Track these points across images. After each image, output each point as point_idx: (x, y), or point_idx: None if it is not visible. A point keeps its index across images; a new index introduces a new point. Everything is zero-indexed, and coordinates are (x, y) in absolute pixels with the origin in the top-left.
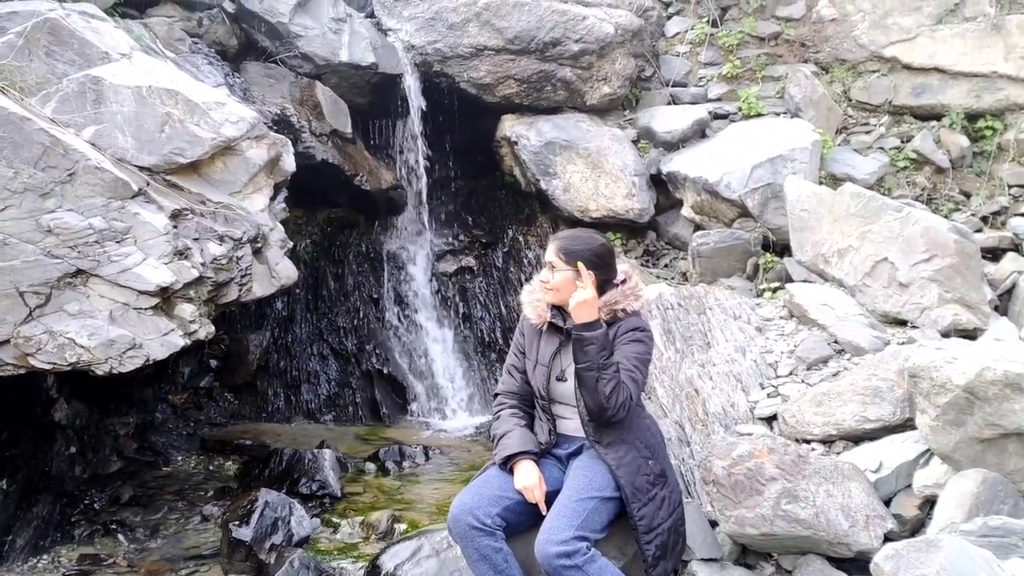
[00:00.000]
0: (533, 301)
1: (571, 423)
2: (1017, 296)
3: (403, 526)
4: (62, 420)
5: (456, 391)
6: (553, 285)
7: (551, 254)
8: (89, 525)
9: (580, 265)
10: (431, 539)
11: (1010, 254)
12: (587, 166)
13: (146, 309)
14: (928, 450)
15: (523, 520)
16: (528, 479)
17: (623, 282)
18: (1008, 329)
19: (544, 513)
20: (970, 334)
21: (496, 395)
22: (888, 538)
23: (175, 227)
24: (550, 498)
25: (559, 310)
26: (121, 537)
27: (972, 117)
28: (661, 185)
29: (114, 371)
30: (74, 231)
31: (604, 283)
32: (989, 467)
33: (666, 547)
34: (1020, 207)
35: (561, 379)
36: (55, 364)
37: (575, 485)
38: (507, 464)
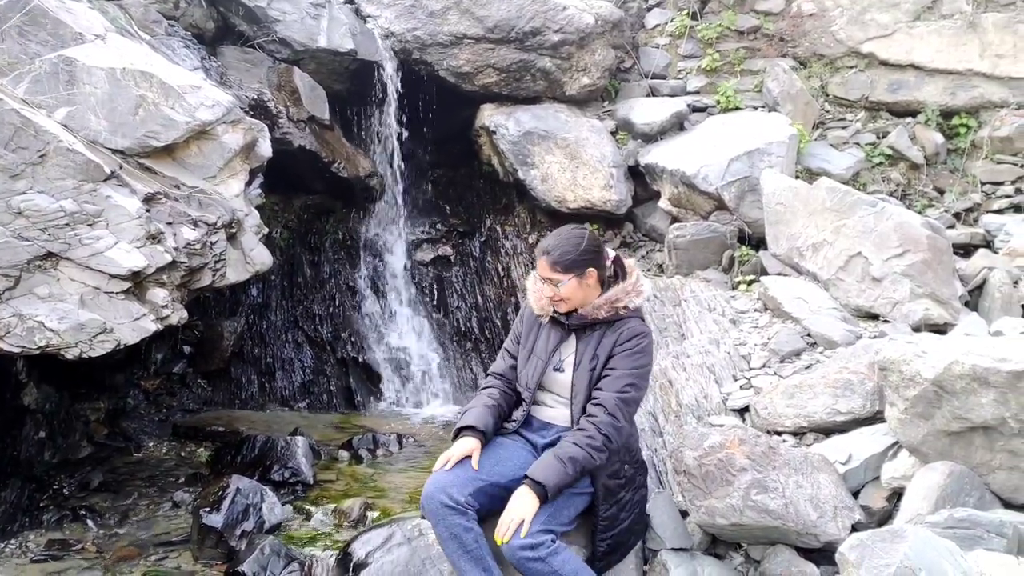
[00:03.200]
0: (537, 293)
1: (554, 411)
2: (987, 292)
3: (375, 514)
4: (31, 404)
5: (431, 380)
6: (562, 296)
7: (546, 271)
8: (58, 510)
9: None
10: (403, 527)
11: (981, 250)
12: (565, 157)
13: (117, 293)
14: (897, 443)
15: (497, 504)
16: (455, 450)
17: (626, 277)
18: (978, 324)
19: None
20: (940, 329)
21: (487, 373)
22: (855, 529)
23: (148, 211)
24: (518, 482)
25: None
26: (90, 523)
27: (947, 114)
28: (639, 177)
29: (84, 355)
30: (45, 213)
31: (603, 275)
32: (956, 460)
33: (618, 545)
34: (992, 204)
35: (559, 369)
36: (24, 348)
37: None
38: (457, 436)
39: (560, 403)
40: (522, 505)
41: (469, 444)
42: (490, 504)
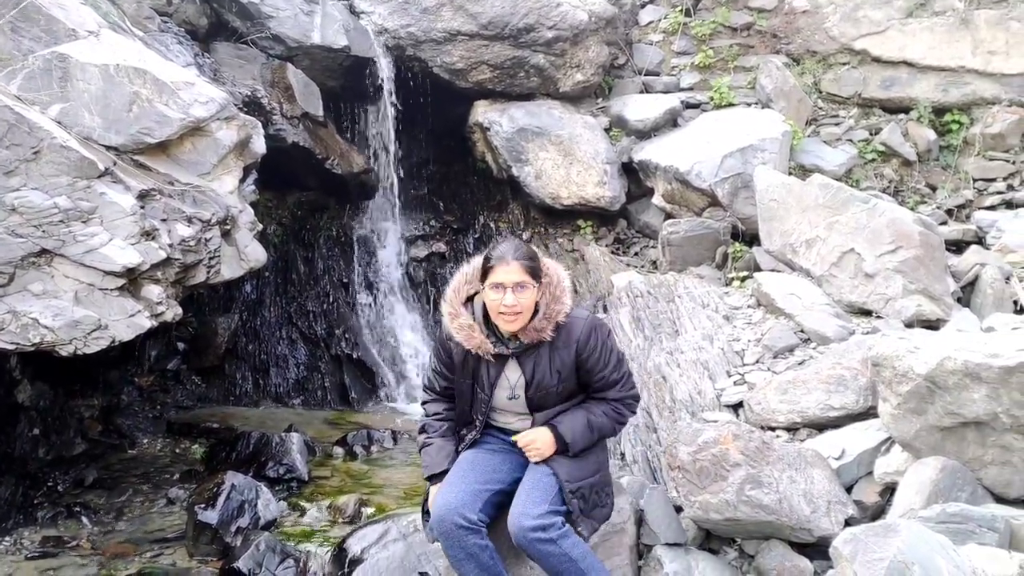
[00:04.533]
0: (464, 329)
1: (520, 424)
2: (979, 288)
3: (370, 510)
4: (26, 401)
5: (425, 376)
6: (523, 307)
7: (519, 274)
8: (52, 507)
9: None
10: (398, 523)
11: (973, 247)
12: (559, 153)
13: (112, 290)
14: (889, 438)
15: (503, 510)
16: None
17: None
18: (970, 320)
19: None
20: (933, 325)
21: (425, 383)
22: (849, 524)
23: (142, 208)
24: (518, 485)
25: (494, 332)
26: (85, 519)
27: (939, 111)
28: (632, 173)
29: (79, 352)
30: (39, 210)
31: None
32: (948, 455)
33: (586, 502)
34: (984, 201)
35: (512, 397)
36: (18, 344)
37: (540, 465)
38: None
39: (522, 418)
40: (544, 444)
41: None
42: (496, 512)
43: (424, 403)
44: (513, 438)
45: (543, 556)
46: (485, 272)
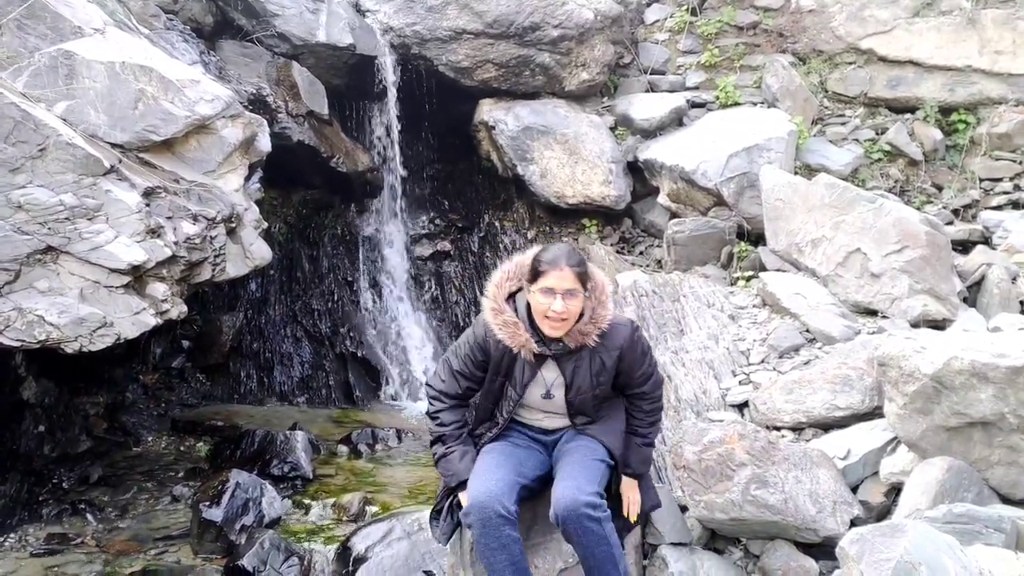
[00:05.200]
0: (509, 326)
1: (553, 421)
2: (986, 288)
3: (375, 508)
4: (31, 399)
5: (430, 375)
6: (570, 314)
7: (571, 281)
8: (57, 504)
9: None
10: (402, 521)
11: (980, 246)
12: (564, 152)
13: (117, 287)
14: (895, 438)
15: (523, 504)
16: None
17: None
18: (976, 320)
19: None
20: (939, 325)
21: (434, 389)
22: (854, 524)
23: (148, 205)
24: (539, 482)
25: (536, 332)
26: (90, 516)
27: (946, 110)
28: (638, 172)
29: (84, 349)
30: (44, 207)
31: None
32: (955, 455)
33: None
34: (991, 200)
35: (548, 396)
36: (24, 341)
37: (581, 451)
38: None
39: (555, 416)
40: (636, 495)
41: None
42: (519, 507)
43: (436, 412)
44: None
45: (585, 534)
46: (535, 274)
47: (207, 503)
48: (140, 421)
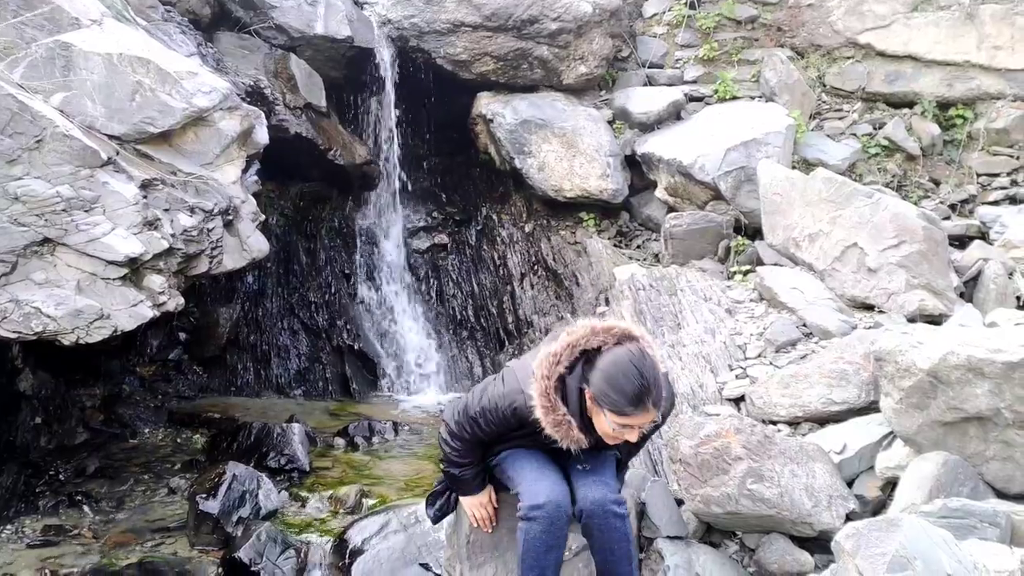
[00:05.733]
0: (561, 425)
1: None
2: (982, 283)
3: (372, 501)
4: (27, 390)
5: (427, 368)
6: (627, 437)
7: (649, 416)
8: (54, 496)
9: None
10: (399, 514)
11: (977, 242)
12: (562, 145)
13: (114, 279)
14: (891, 433)
15: None
16: (480, 511)
17: None
18: (973, 315)
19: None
20: (936, 320)
21: (456, 439)
22: (850, 518)
23: (145, 197)
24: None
25: (586, 424)
26: (86, 508)
27: (944, 105)
28: (635, 166)
29: (81, 341)
30: (41, 199)
31: None
32: (950, 450)
33: None
34: (988, 196)
35: (580, 464)
36: (20, 333)
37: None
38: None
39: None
40: None
41: (484, 496)
42: None
43: (455, 452)
44: None
45: (609, 531)
46: (625, 413)
47: (204, 495)
48: (137, 413)
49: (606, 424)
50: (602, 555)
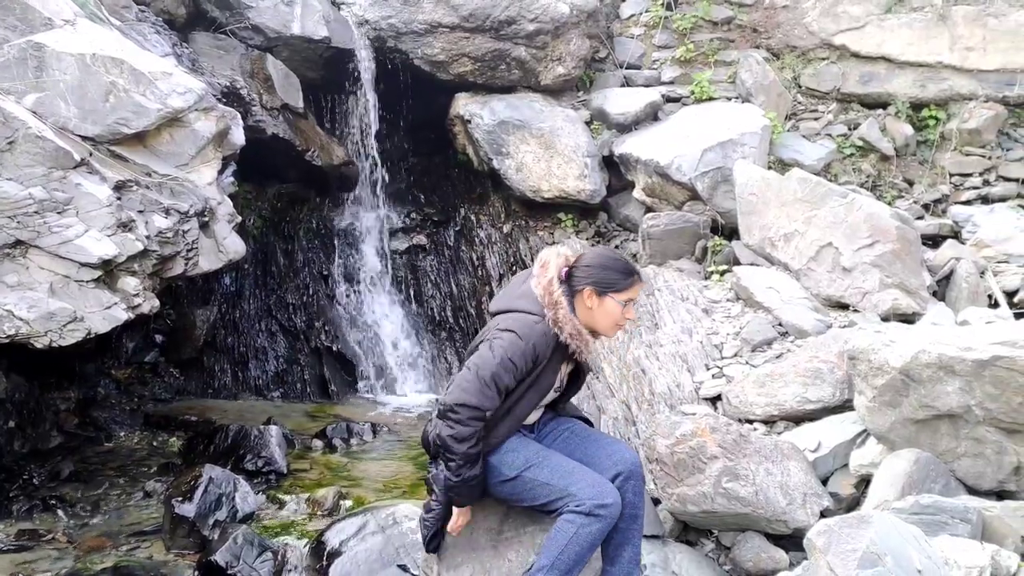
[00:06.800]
0: (577, 338)
1: (537, 413)
2: (955, 282)
3: (349, 503)
4: (0, 394)
5: (405, 369)
6: (629, 317)
7: (640, 287)
8: (28, 500)
9: None
10: (377, 515)
11: (949, 241)
12: (540, 146)
13: (88, 282)
14: (865, 431)
15: None
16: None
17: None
18: (945, 314)
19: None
20: (909, 318)
21: (480, 409)
22: (824, 515)
23: (119, 199)
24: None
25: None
26: (61, 512)
27: (917, 106)
28: (613, 167)
29: (54, 344)
30: (13, 201)
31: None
32: (923, 447)
33: None
34: (961, 195)
35: (557, 388)
36: None
37: (585, 430)
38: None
39: (540, 408)
40: None
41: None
42: None
43: (474, 434)
44: None
45: (639, 494)
46: (619, 286)
47: (180, 498)
48: (112, 416)
49: (613, 310)
50: (628, 521)
